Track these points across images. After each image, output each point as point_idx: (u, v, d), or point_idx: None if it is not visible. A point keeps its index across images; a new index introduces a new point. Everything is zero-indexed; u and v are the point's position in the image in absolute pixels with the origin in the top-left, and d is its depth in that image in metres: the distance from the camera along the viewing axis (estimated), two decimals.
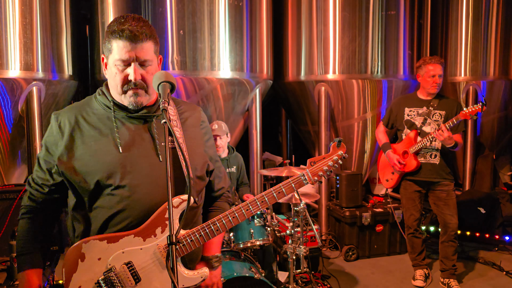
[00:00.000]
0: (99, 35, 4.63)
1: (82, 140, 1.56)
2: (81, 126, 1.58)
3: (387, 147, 3.97)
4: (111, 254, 1.49)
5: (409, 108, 3.86)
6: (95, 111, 1.62)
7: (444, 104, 3.77)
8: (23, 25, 4.02)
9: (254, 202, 1.59)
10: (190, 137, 1.66)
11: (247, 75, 4.61)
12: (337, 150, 1.67)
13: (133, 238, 1.49)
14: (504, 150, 6.46)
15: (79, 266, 1.50)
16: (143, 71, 1.54)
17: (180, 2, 4.24)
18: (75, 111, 1.63)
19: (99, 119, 1.60)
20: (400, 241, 4.74)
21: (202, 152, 1.70)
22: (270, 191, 1.61)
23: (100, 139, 1.56)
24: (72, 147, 1.56)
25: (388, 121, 4.04)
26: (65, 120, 1.61)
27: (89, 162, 1.53)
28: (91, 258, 1.50)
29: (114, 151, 1.54)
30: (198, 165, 1.65)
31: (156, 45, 1.59)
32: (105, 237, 1.51)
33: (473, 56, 5.57)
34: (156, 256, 1.50)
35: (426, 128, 3.76)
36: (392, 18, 5.05)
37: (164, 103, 1.39)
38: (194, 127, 1.72)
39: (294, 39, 5.24)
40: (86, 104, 1.66)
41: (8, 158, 4.34)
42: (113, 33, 1.51)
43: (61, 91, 4.55)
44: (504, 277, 4.19)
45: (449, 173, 3.80)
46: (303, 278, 3.75)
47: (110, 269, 1.48)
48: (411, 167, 3.77)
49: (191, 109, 1.76)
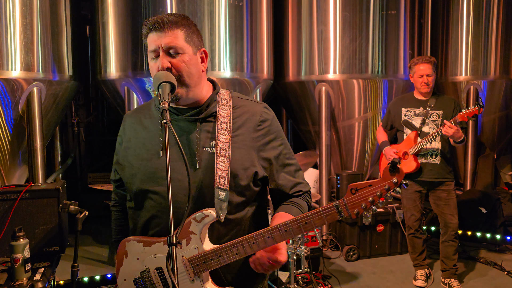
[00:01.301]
0: (100, 35, 4.63)
1: (135, 142, 1.61)
2: (137, 129, 1.63)
3: (385, 145, 3.98)
4: (146, 257, 1.54)
5: (405, 108, 3.86)
6: (151, 112, 1.64)
7: (441, 103, 3.76)
8: (24, 25, 4.02)
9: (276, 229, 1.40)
10: (238, 141, 1.54)
11: (248, 75, 4.61)
12: (390, 177, 1.26)
13: (162, 245, 1.51)
14: (505, 149, 6.45)
15: (124, 261, 1.60)
16: (174, 59, 1.46)
17: (181, 2, 4.24)
18: (138, 113, 1.68)
19: (153, 122, 1.61)
20: (401, 241, 4.73)
21: (253, 159, 1.54)
22: (296, 221, 1.38)
23: (148, 142, 1.58)
24: (128, 149, 1.63)
25: (387, 122, 4.05)
26: (128, 122, 1.68)
27: (135, 164, 1.58)
28: (132, 256, 1.57)
29: (156, 156, 1.55)
30: (241, 174, 1.51)
31: (191, 33, 1.51)
32: (142, 239, 1.56)
33: (473, 56, 5.56)
34: (180, 268, 1.48)
35: (425, 129, 3.75)
36: (392, 18, 5.04)
37: (164, 103, 1.36)
38: (247, 130, 1.56)
39: (294, 39, 5.24)
40: (147, 106, 1.69)
41: (8, 159, 4.34)
42: (145, 30, 1.52)
43: (62, 92, 4.55)
44: (505, 277, 4.18)
45: (449, 173, 3.79)
46: (304, 278, 3.75)
47: (144, 270, 1.54)
48: (411, 168, 3.76)
49: (251, 108, 1.60)
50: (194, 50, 1.52)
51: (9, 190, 2.74)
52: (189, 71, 1.49)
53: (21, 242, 2.41)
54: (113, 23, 4.46)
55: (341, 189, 4.97)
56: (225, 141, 1.50)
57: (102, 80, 4.71)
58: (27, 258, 2.44)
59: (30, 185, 2.83)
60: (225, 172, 1.48)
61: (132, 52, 4.36)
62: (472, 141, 5.65)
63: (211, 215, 1.45)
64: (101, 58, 4.64)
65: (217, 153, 1.49)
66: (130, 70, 4.40)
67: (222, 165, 1.48)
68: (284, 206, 1.61)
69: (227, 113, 1.55)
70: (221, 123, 1.53)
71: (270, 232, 1.40)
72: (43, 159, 4.23)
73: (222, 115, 1.54)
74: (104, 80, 4.65)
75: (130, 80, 4.40)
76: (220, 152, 1.49)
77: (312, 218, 1.36)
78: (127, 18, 4.37)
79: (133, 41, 4.34)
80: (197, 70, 1.52)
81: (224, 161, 1.48)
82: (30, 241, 2.55)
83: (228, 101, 1.59)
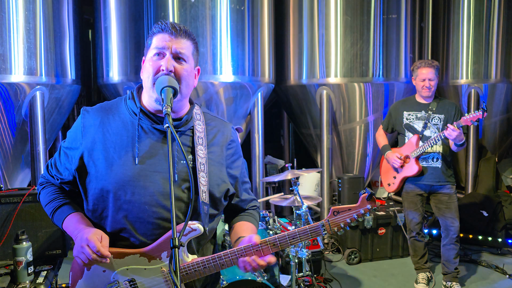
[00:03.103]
0: (102, 39, 4.66)
1: (103, 145, 1.51)
2: (104, 130, 1.53)
3: (386, 149, 3.97)
4: (116, 269, 1.49)
5: (407, 112, 3.86)
6: (121, 115, 1.56)
7: (442, 107, 3.77)
8: (27, 30, 4.05)
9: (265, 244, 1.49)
10: (213, 158, 1.58)
11: (249, 79, 4.62)
12: (366, 203, 1.53)
13: (138, 257, 1.49)
14: (507, 152, 6.45)
15: (84, 274, 1.51)
16: (178, 65, 1.49)
17: (182, 7, 4.27)
18: (103, 112, 1.57)
19: (124, 125, 1.53)
20: (403, 244, 4.73)
21: (224, 176, 1.60)
22: (284, 236, 1.51)
23: (119, 147, 1.50)
24: (92, 151, 1.51)
25: (387, 125, 4.04)
26: (90, 120, 1.55)
27: (104, 169, 1.48)
28: (96, 268, 1.50)
29: (129, 163, 1.48)
30: (215, 189, 1.56)
31: (195, 49, 1.56)
32: (111, 251, 1.47)
33: (474, 59, 5.57)
34: (159, 279, 1.49)
35: (427, 132, 3.76)
36: (393, 22, 5.06)
37: (167, 107, 1.38)
38: (220, 147, 1.62)
39: (295, 42, 5.26)
40: (115, 106, 1.60)
41: (11, 162, 4.36)
42: (155, 28, 1.52)
43: (64, 96, 4.57)
44: (507, 280, 4.17)
45: (450, 176, 3.79)
46: (305, 282, 3.75)
47: (113, 283, 1.49)
48: (413, 172, 3.75)
49: (222, 127, 1.66)
50: (194, 64, 1.57)
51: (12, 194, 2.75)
52: (187, 81, 1.53)
53: (24, 245, 2.42)
54: (115, 28, 4.48)
55: (342, 192, 4.97)
56: (203, 156, 1.54)
57: (104, 84, 4.73)
58: (30, 261, 2.44)
59: (32, 188, 2.84)
60: (205, 187, 1.51)
61: (134, 56, 4.38)
62: (473, 145, 5.65)
63: (199, 229, 1.46)
64: (103, 62, 4.67)
65: (198, 167, 1.51)
66: (132, 74, 4.42)
67: (203, 179, 1.51)
68: (245, 217, 1.72)
69: (201, 128, 1.59)
70: (198, 138, 1.55)
71: (259, 246, 1.48)
72: (46, 162, 4.24)
73: (198, 130, 1.57)
74: (106, 84, 4.68)
75: (132, 84, 4.43)
76: (200, 167, 1.50)
77: (300, 235, 1.51)
78: (129, 23, 4.40)
79: (135, 45, 4.36)
80: (192, 83, 1.57)
81: (204, 176, 1.51)
82: (33, 244, 2.57)
83: (201, 116, 1.62)
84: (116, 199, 1.48)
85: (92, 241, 1.41)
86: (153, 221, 1.48)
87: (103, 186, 1.48)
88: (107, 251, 1.42)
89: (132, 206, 1.47)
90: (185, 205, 1.50)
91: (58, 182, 1.65)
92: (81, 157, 1.52)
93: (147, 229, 1.48)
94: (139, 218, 1.48)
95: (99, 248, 1.40)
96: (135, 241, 1.49)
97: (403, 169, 3.83)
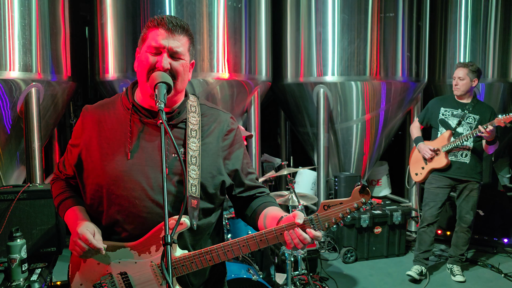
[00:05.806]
0: (98, 36, 4.63)
1: (98, 141, 1.54)
2: (100, 127, 1.56)
3: (419, 140, 4.18)
4: (109, 262, 1.52)
5: (444, 108, 4.06)
6: (116, 111, 1.58)
7: (479, 108, 3.96)
8: (22, 26, 4.02)
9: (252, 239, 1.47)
10: (207, 150, 1.56)
11: (246, 77, 4.61)
12: (360, 196, 1.43)
13: (129, 250, 1.51)
14: (503, 152, 6.46)
15: (81, 266, 1.56)
16: (174, 63, 1.49)
17: (179, 4, 4.25)
18: (100, 109, 1.61)
19: (118, 121, 1.55)
20: (399, 243, 4.74)
21: (220, 167, 1.58)
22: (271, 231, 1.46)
23: (113, 142, 1.52)
24: (89, 147, 1.55)
25: (423, 119, 4.23)
26: (89, 117, 1.59)
27: (98, 165, 1.51)
28: (91, 261, 1.55)
29: (122, 158, 1.50)
30: (209, 182, 1.54)
31: (192, 45, 1.56)
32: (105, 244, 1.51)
33: (471, 58, 5.59)
34: (148, 273, 1.50)
35: (459, 129, 3.95)
36: (390, 20, 5.05)
37: (160, 103, 1.38)
38: (216, 138, 1.59)
39: (293, 40, 5.25)
40: (111, 103, 1.62)
41: (6, 159, 4.33)
42: (151, 22, 1.50)
43: (60, 92, 4.55)
44: (502, 280, 4.19)
45: (477, 173, 3.98)
46: (301, 280, 3.75)
47: (106, 275, 1.53)
48: (441, 165, 3.97)
49: (219, 117, 1.63)
50: (189, 59, 1.56)
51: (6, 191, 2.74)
52: (183, 77, 1.53)
53: (18, 242, 2.40)
54: (111, 24, 4.46)
55: (338, 191, 4.97)
56: (195, 149, 1.53)
57: (100, 81, 4.71)
58: (24, 258, 2.43)
59: (27, 185, 2.83)
60: (196, 180, 1.50)
61: (130, 53, 4.36)
62: None
63: (185, 223, 1.46)
64: (99, 59, 4.64)
65: (188, 161, 1.50)
66: (129, 71, 4.41)
67: (193, 173, 1.50)
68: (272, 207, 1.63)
69: (196, 121, 1.57)
70: (191, 131, 1.54)
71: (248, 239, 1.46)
72: (41, 160, 4.22)
73: (191, 122, 1.56)
74: (103, 81, 4.65)
75: (129, 81, 4.40)
76: (191, 160, 1.50)
77: (288, 230, 1.43)
78: (126, 19, 4.38)
79: (132, 42, 4.34)
80: (187, 78, 1.56)
81: (195, 169, 1.50)
82: (27, 241, 2.55)
83: (196, 108, 1.61)
84: (109, 194, 1.51)
85: (84, 234, 1.46)
86: (144, 216, 1.49)
87: (98, 182, 1.52)
88: (99, 243, 1.46)
89: (124, 201, 1.49)
90: (174, 198, 1.49)
91: (64, 177, 1.73)
92: (80, 154, 1.57)
93: (138, 223, 1.49)
94: (130, 212, 1.49)
95: (91, 241, 1.45)
96: (128, 235, 1.51)
97: (432, 161, 4.04)
